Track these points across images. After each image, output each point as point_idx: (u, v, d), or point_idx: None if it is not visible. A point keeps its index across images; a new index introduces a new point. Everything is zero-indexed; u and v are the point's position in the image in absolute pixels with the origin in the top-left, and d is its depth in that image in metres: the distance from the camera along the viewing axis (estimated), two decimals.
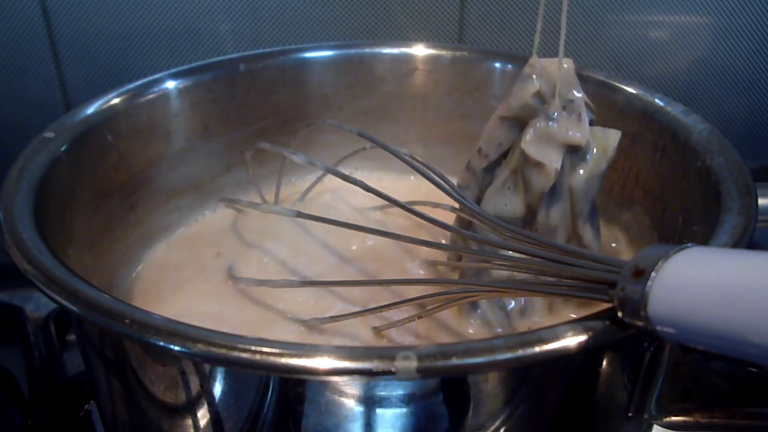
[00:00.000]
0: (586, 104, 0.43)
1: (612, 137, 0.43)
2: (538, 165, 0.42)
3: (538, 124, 0.42)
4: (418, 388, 0.32)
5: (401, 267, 0.50)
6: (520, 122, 0.44)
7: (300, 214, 0.43)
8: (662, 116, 0.49)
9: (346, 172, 0.62)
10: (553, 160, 0.41)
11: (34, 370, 0.54)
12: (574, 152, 0.42)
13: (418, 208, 0.42)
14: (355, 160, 0.61)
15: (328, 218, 0.43)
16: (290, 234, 0.52)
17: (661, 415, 0.36)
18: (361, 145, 0.59)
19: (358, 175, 0.63)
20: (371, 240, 0.51)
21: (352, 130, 0.48)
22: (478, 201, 0.47)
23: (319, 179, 0.60)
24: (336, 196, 0.58)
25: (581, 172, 0.43)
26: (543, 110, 0.42)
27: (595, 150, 0.43)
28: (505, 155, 0.45)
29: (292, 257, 0.50)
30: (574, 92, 0.43)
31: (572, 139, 0.42)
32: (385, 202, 0.43)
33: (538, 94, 0.43)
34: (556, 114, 0.42)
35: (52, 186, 0.43)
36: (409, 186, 0.61)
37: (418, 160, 0.49)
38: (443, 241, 0.51)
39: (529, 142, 0.42)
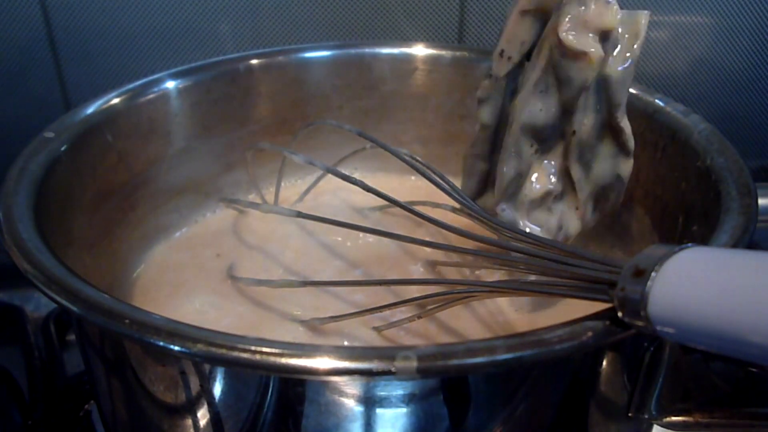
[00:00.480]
0: None
1: (641, 18, 0.41)
2: (580, 55, 0.39)
3: (571, 11, 0.39)
4: (418, 388, 0.32)
5: (402, 268, 0.50)
6: (542, 15, 0.41)
7: (300, 214, 0.43)
8: (662, 116, 0.49)
9: (346, 172, 0.62)
10: (595, 48, 0.39)
11: (34, 370, 0.54)
12: (605, 39, 0.40)
13: (418, 209, 0.42)
14: (355, 160, 0.61)
15: (328, 218, 0.43)
16: (291, 235, 0.52)
17: (661, 415, 0.36)
18: (361, 145, 0.59)
19: (358, 175, 0.63)
20: (372, 241, 0.51)
21: (352, 131, 0.48)
22: (503, 111, 0.44)
23: (318, 179, 0.60)
24: (336, 196, 0.58)
25: (616, 59, 0.40)
26: None
27: (627, 35, 0.40)
28: (528, 57, 0.43)
29: (292, 258, 0.50)
30: None
31: (607, 22, 0.39)
32: (385, 203, 0.43)
33: None
34: None
35: (52, 186, 0.43)
36: (409, 186, 0.61)
37: (418, 160, 0.49)
38: (443, 242, 0.51)
39: (567, 31, 0.39)
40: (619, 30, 0.40)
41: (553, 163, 0.44)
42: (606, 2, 0.39)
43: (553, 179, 0.44)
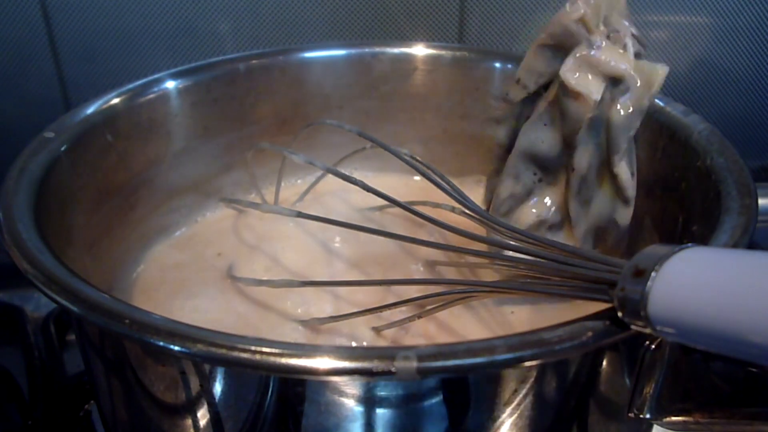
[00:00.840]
0: (636, 37, 0.41)
1: (659, 72, 0.41)
2: (577, 95, 0.40)
3: (579, 52, 0.40)
4: (418, 388, 0.32)
5: (403, 268, 0.50)
6: (561, 51, 0.42)
7: (300, 214, 0.43)
8: (662, 116, 0.49)
9: (346, 172, 0.62)
10: (593, 90, 0.39)
11: (34, 370, 0.54)
12: (616, 85, 0.40)
13: (418, 209, 0.42)
14: (355, 160, 0.61)
15: (328, 218, 0.43)
16: (291, 235, 0.52)
17: (661, 415, 0.36)
18: (361, 145, 0.59)
19: (357, 174, 0.63)
20: (372, 241, 0.51)
21: (352, 130, 0.48)
22: (514, 134, 0.45)
23: (318, 179, 0.60)
24: (336, 196, 0.58)
25: (621, 106, 0.40)
26: (586, 38, 0.40)
27: (638, 84, 0.41)
28: (546, 88, 0.43)
29: (292, 258, 0.50)
30: (624, 22, 0.41)
31: (614, 69, 0.40)
32: (384, 203, 0.43)
33: (582, 21, 0.40)
34: (599, 42, 0.40)
35: (52, 186, 0.43)
36: (409, 186, 0.61)
37: (418, 160, 0.49)
38: (443, 242, 0.51)
39: (568, 70, 0.40)
40: (634, 77, 0.40)
41: (554, 194, 0.45)
42: (620, 49, 0.40)
43: (551, 210, 0.45)
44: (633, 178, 0.44)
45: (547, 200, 0.45)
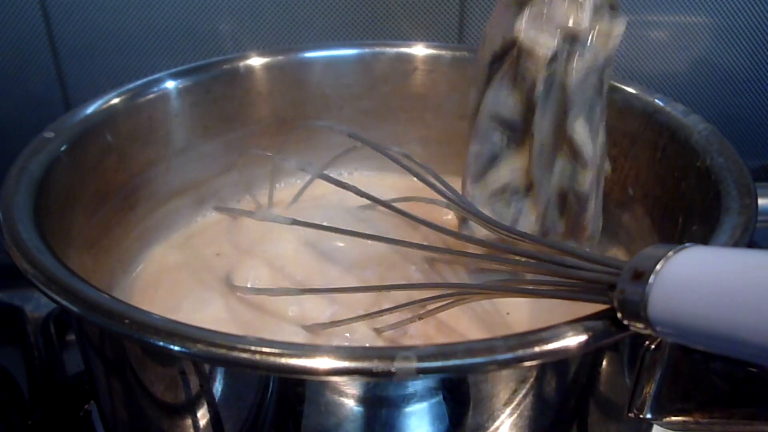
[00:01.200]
0: None
1: (615, 28, 0.39)
2: (529, 51, 0.38)
3: (533, 6, 0.39)
4: (418, 388, 0.32)
5: (402, 268, 0.50)
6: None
7: (295, 221, 0.43)
8: (662, 116, 0.49)
9: (345, 170, 0.62)
10: (545, 46, 0.38)
11: (34, 370, 0.54)
12: (573, 42, 0.39)
13: (412, 204, 0.42)
14: (356, 159, 0.61)
15: (323, 225, 0.43)
16: (288, 235, 0.52)
17: (661, 415, 0.36)
18: (355, 143, 0.59)
19: (358, 174, 0.63)
20: (370, 241, 0.51)
21: (342, 131, 0.48)
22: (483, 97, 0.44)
23: (311, 180, 0.60)
24: (333, 196, 0.58)
25: (576, 63, 0.39)
26: None
27: (595, 40, 0.39)
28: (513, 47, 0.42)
29: (291, 258, 0.50)
30: None
31: (568, 23, 0.38)
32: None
33: None
34: None
35: (52, 186, 0.43)
36: (409, 186, 0.61)
37: (413, 160, 0.49)
38: (440, 242, 0.51)
39: (521, 25, 0.39)
40: (588, 33, 0.39)
41: (520, 158, 0.44)
42: (578, 4, 0.38)
43: (516, 174, 0.44)
44: (593, 141, 0.42)
45: (514, 164, 0.44)
